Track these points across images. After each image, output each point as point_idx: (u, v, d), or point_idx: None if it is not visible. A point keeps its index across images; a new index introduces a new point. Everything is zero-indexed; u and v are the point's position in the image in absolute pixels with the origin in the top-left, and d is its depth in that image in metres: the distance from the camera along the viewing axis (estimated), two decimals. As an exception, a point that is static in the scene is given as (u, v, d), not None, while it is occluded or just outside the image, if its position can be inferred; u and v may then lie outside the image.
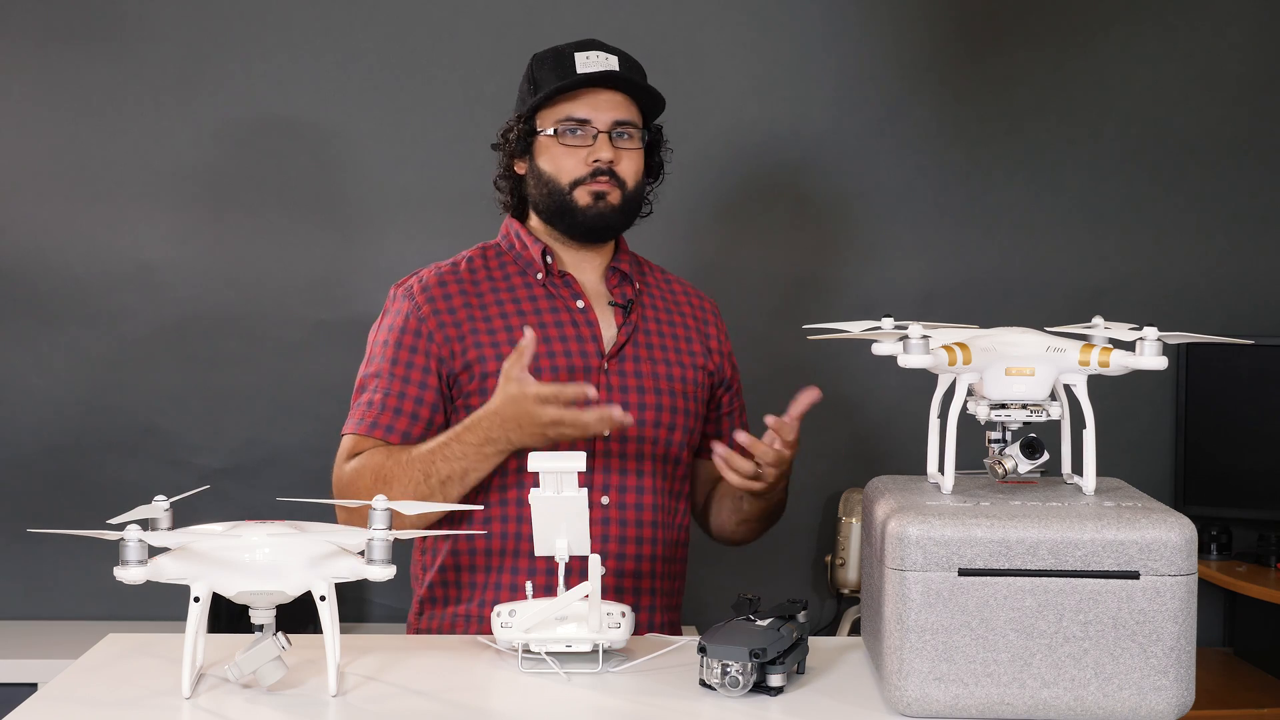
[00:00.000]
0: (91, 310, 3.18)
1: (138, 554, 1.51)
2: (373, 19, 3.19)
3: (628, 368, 2.10)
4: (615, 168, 2.08)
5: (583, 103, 2.09)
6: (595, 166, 2.07)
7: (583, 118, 2.08)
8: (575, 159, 2.08)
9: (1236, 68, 3.30)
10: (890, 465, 2.24)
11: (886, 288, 3.28)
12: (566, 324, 2.09)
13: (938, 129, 3.28)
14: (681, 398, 2.12)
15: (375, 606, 3.23)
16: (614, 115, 2.09)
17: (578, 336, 2.09)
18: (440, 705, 1.58)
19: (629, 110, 2.11)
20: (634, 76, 2.12)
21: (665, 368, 2.12)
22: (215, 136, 3.18)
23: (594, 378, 2.07)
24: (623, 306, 2.13)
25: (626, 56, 2.13)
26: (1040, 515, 1.52)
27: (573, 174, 2.08)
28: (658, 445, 2.09)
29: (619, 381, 2.08)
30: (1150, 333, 1.61)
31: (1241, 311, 3.31)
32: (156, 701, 1.57)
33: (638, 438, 2.07)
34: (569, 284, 2.12)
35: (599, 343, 2.10)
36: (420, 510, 1.68)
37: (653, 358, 2.12)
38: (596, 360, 2.08)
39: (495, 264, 2.16)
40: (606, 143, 2.08)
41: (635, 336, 2.13)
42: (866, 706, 1.57)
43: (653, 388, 2.10)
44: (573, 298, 2.12)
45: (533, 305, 2.11)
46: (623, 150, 2.10)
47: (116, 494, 3.00)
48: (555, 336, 2.08)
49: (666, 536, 2.12)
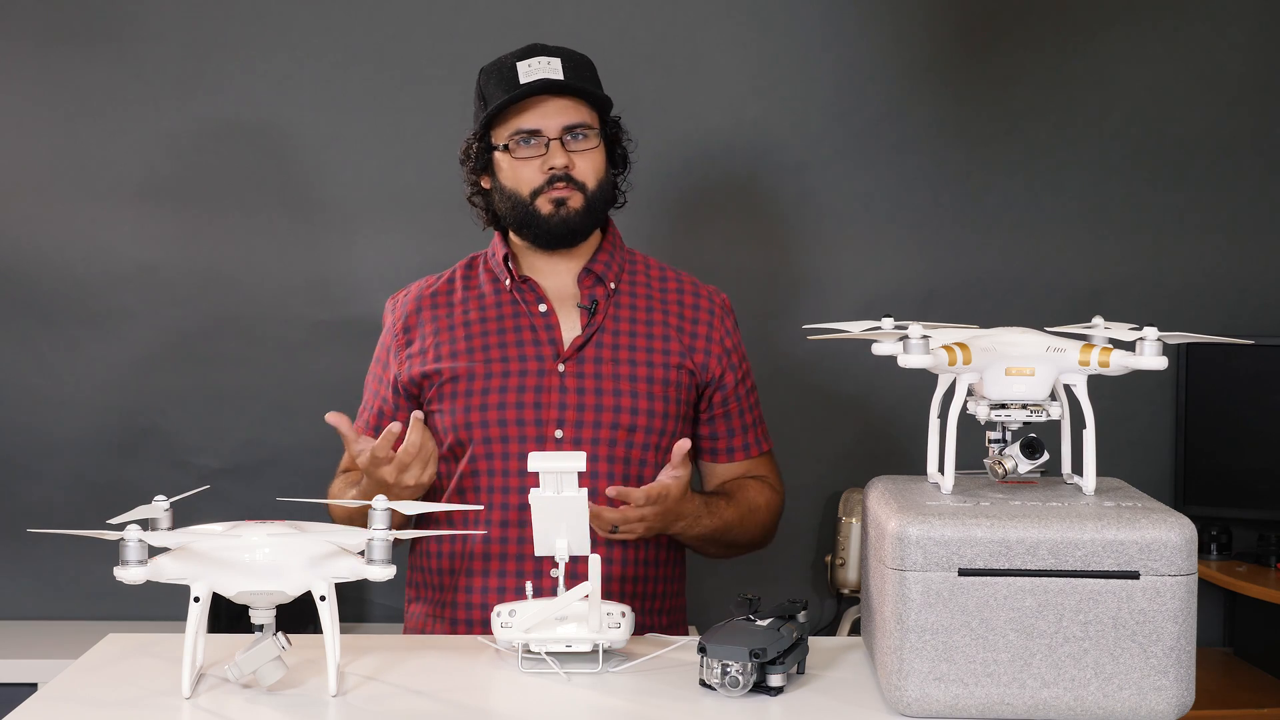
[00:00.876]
0: (91, 310, 3.18)
1: (138, 554, 1.51)
2: (372, 20, 3.19)
3: (586, 369, 2.10)
4: (572, 172, 2.10)
5: (531, 113, 2.10)
6: (551, 173, 2.09)
7: (532, 128, 2.10)
8: (531, 169, 2.10)
9: (1236, 68, 3.30)
10: (890, 465, 2.24)
11: (886, 288, 3.28)
12: (525, 328, 2.13)
13: (938, 129, 3.28)
14: (646, 398, 2.11)
15: (375, 606, 3.23)
16: (563, 120, 2.10)
17: (534, 340, 2.12)
18: (440, 705, 1.58)
19: (579, 112, 2.11)
20: (579, 76, 2.11)
21: (630, 368, 2.12)
22: (215, 137, 3.18)
23: (547, 380, 2.09)
24: (587, 309, 2.14)
25: (571, 56, 2.12)
26: (1040, 515, 1.52)
27: (531, 184, 2.10)
28: (615, 446, 2.09)
29: (575, 383, 2.09)
30: (1150, 333, 1.61)
31: (1241, 311, 3.31)
32: (156, 701, 1.57)
33: (592, 439, 2.07)
34: (533, 289, 2.15)
35: (557, 345, 2.11)
36: (420, 510, 1.69)
37: (617, 358, 2.12)
38: (551, 363, 2.10)
39: (475, 274, 2.22)
40: (559, 149, 2.09)
41: (599, 337, 2.13)
42: (866, 706, 1.58)
43: (612, 389, 2.10)
44: (536, 302, 2.14)
45: (496, 313, 2.15)
46: (577, 153, 2.10)
47: (116, 494, 3.00)
48: (512, 342, 2.12)
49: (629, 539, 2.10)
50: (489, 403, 2.08)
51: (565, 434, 2.07)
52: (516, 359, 2.11)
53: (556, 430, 2.07)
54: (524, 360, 2.10)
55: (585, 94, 2.11)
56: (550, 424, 2.07)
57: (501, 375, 2.10)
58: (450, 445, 2.11)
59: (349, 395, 2.26)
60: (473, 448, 2.09)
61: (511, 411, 2.08)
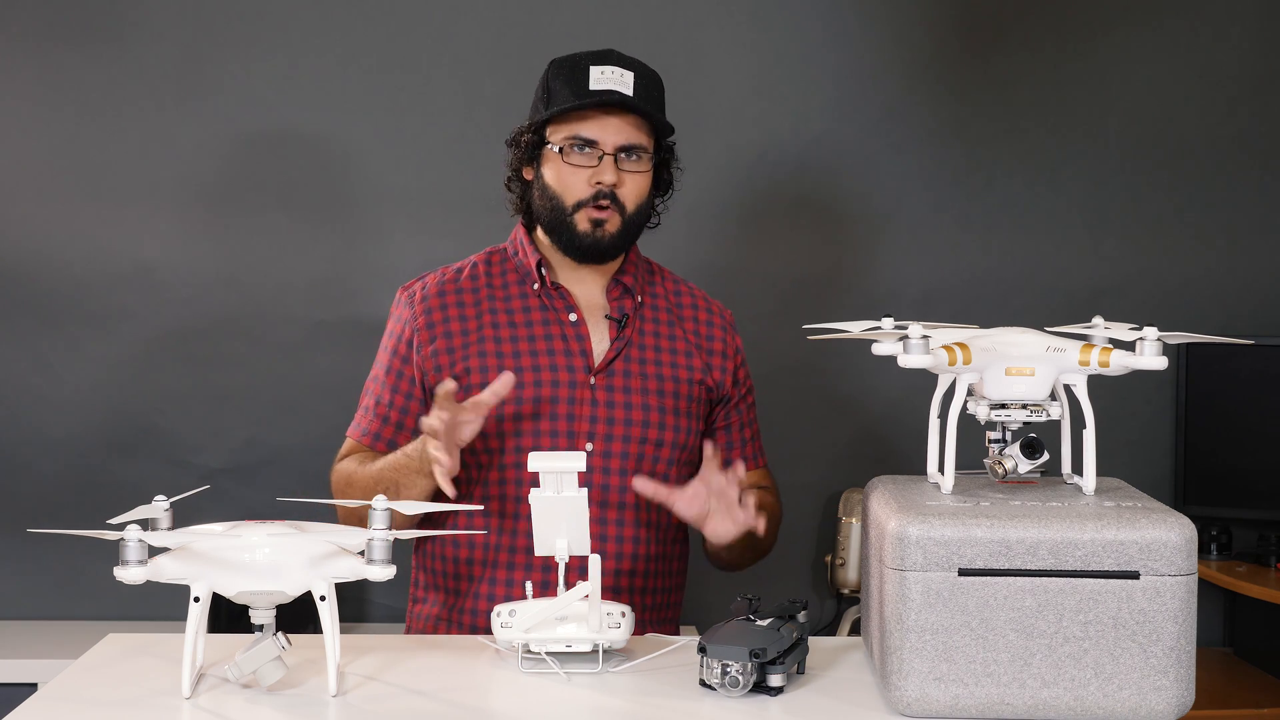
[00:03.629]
0: (91, 310, 3.18)
1: (138, 554, 1.51)
2: (372, 19, 3.19)
3: (616, 382, 2.09)
4: (618, 191, 2.07)
5: (592, 122, 2.06)
6: (598, 189, 2.06)
7: (590, 138, 2.06)
8: (579, 178, 2.07)
9: (1236, 68, 3.30)
10: (890, 465, 2.24)
11: (886, 288, 3.28)
12: (556, 337, 2.10)
13: (938, 129, 3.28)
14: (672, 414, 2.11)
15: (375, 606, 3.23)
16: (622, 139, 2.07)
17: (566, 350, 2.09)
18: (440, 705, 1.58)
19: (638, 132, 2.08)
20: (648, 97, 2.08)
21: (657, 383, 2.11)
22: (216, 137, 3.18)
23: (579, 392, 2.07)
24: (617, 321, 2.13)
25: (644, 72, 2.09)
26: (1040, 515, 1.52)
27: (576, 194, 2.07)
28: (644, 461, 2.08)
29: (605, 396, 2.08)
30: (1150, 333, 1.61)
31: (1241, 311, 3.31)
32: (156, 701, 1.57)
33: (621, 453, 2.07)
34: (563, 296, 2.12)
35: (588, 357, 2.10)
36: (419, 510, 1.69)
37: (644, 372, 2.11)
38: (583, 375, 2.08)
39: (497, 270, 2.17)
40: (611, 165, 2.06)
41: (628, 351, 2.12)
42: (866, 706, 1.58)
43: (640, 403, 2.09)
44: (566, 310, 2.12)
45: (525, 317, 2.12)
46: (628, 173, 2.08)
47: (116, 494, 3.00)
48: (544, 350, 2.09)
49: (649, 551, 2.11)
50: (522, 413, 2.06)
51: (595, 447, 2.05)
52: (548, 368, 2.08)
53: (587, 443, 2.05)
54: (555, 370, 2.08)
55: (650, 117, 2.08)
56: (581, 436, 2.06)
57: (534, 385, 2.06)
58: (475, 451, 2.07)
59: (349, 395, 2.26)
60: (503, 457, 2.06)
61: (545, 423, 2.05)
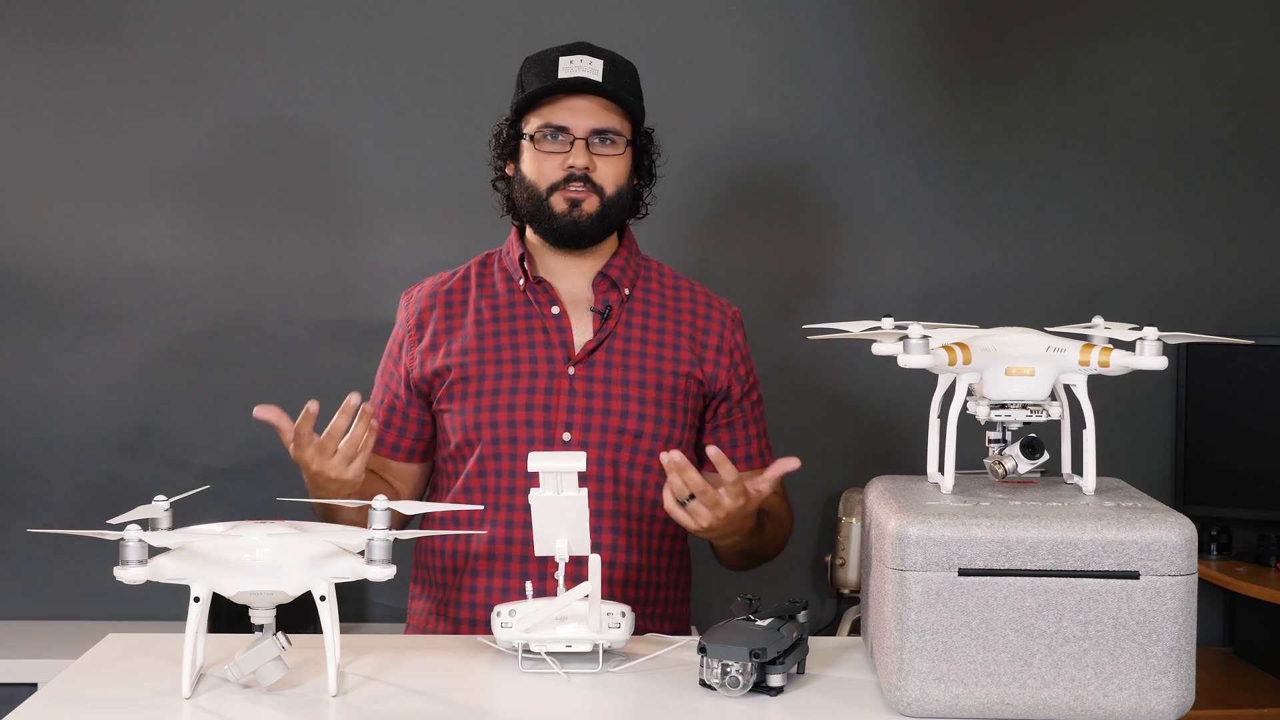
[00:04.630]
0: (91, 310, 3.18)
1: (138, 554, 1.51)
2: (372, 18, 3.19)
3: (596, 373, 2.10)
4: (592, 174, 2.09)
5: (562, 108, 2.09)
6: (570, 172, 2.08)
7: (561, 124, 2.09)
8: (553, 164, 2.10)
9: (1236, 68, 3.30)
10: (890, 465, 2.24)
11: (886, 288, 3.28)
12: (537, 330, 2.12)
13: (938, 129, 3.28)
14: (654, 405, 2.11)
15: (375, 606, 3.23)
16: (593, 122, 2.09)
17: (546, 343, 2.11)
18: (440, 705, 1.58)
19: (611, 117, 2.11)
20: (618, 81, 2.11)
21: (640, 374, 2.12)
22: (215, 136, 3.18)
23: (557, 382, 2.09)
24: (600, 312, 2.14)
25: (614, 60, 2.12)
26: (1040, 515, 1.52)
27: (550, 179, 2.10)
28: (621, 451, 2.09)
29: (584, 386, 2.09)
30: (1150, 333, 1.61)
31: (1241, 311, 3.31)
32: (156, 701, 1.57)
33: (599, 443, 2.08)
34: (546, 290, 2.15)
35: (568, 348, 2.11)
36: (419, 510, 1.69)
37: (627, 364, 2.12)
38: (562, 365, 2.10)
39: (489, 272, 2.21)
40: (583, 149, 2.08)
41: (611, 342, 2.13)
42: (866, 706, 1.58)
43: (620, 394, 2.10)
44: (549, 304, 2.14)
45: (509, 312, 2.15)
46: (601, 157, 2.10)
47: (116, 494, 3.00)
48: (524, 343, 2.12)
49: (633, 544, 2.11)
50: (499, 403, 2.08)
51: (573, 437, 2.07)
52: (527, 360, 2.10)
53: (564, 433, 2.07)
54: (534, 362, 2.10)
55: (619, 99, 2.10)
56: (558, 426, 2.07)
57: (512, 376, 2.09)
58: (457, 444, 2.11)
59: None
60: (481, 448, 2.09)
61: (521, 413, 2.08)
